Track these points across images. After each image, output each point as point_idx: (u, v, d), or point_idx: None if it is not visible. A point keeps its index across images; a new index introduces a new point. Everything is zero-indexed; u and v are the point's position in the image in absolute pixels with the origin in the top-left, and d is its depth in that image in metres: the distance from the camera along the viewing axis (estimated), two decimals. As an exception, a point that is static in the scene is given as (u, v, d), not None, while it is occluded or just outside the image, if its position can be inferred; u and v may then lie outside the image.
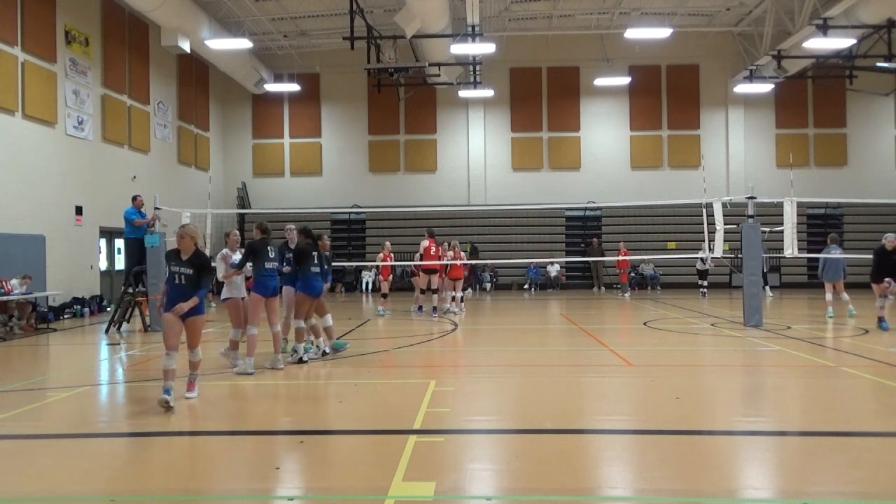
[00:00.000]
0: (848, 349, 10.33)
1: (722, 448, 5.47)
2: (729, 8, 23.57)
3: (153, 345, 11.69)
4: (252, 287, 8.94)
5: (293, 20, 23.73)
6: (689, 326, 13.62)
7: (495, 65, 25.94)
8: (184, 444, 5.81)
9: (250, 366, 8.58)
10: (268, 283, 8.89)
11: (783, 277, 25.38)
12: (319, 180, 27.74)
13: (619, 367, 9.02)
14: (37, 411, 6.91)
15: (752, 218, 13.26)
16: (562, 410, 6.72)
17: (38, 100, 16.48)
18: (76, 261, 17.76)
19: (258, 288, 8.85)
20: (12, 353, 11.58)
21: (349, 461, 5.13)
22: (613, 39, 25.31)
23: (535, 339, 12.54)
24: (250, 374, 8.46)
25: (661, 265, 25.64)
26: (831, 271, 14.41)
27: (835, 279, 14.41)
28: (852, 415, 6.53)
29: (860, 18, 19.56)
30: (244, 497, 4.48)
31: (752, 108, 27.04)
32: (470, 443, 5.63)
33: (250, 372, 8.51)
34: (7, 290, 13.56)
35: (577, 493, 4.41)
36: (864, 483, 4.53)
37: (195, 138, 25.27)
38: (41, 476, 4.89)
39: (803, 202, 16.21)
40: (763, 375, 8.72)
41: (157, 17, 19.18)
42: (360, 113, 27.70)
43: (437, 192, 27.13)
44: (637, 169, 27.18)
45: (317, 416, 6.16)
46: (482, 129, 27.48)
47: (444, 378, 8.26)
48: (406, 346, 11.02)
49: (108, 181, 19.07)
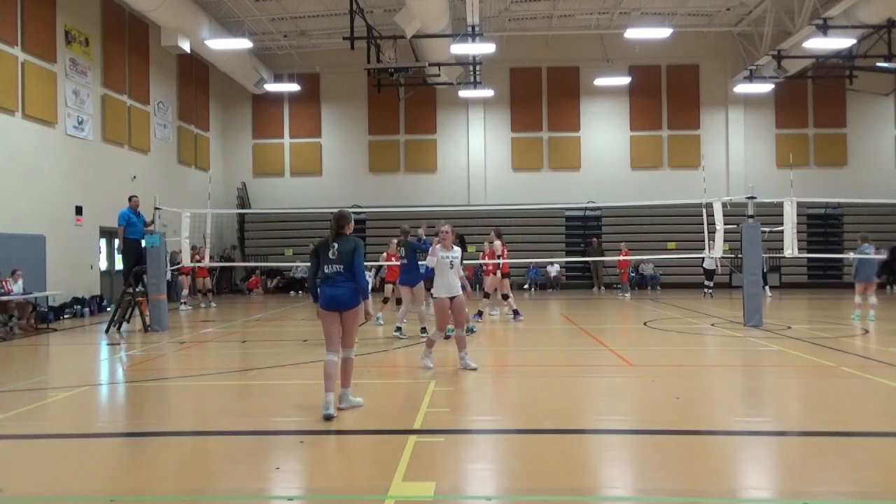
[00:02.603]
0: (848, 349, 10.33)
1: (722, 448, 5.47)
2: (729, 8, 23.57)
3: (153, 345, 11.69)
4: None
5: (293, 20, 23.73)
6: (689, 326, 13.61)
7: (495, 65, 25.93)
8: (184, 444, 5.81)
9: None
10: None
11: (783, 277, 25.38)
12: (319, 180, 27.74)
13: (619, 367, 9.02)
14: (37, 411, 6.91)
15: (752, 218, 13.26)
16: (562, 410, 6.72)
17: (38, 100, 16.48)
18: (76, 261, 17.76)
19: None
20: (12, 353, 11.58)
21: (349, 461, 5.13)
22: (613, 39, 25.30)
23: (534, 338, 12.53)
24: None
25: (661, 265, 25.63)
26: (864, 271, 13.73)
27: (867, 280, 13.70)
28: (852, 415, 6.52)
29: (860, 18, 19.56)
30: (244, 497, 4.48)
31: (752, 108, 27.04)
32: (470, 443, 5.63)
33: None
34: (7, 290, 13.56)
35: (577, 493, 4.41)
36: (865, 483, 4.53)
37: (195, 138, 25.27)
38: (41, 476, 4.89)
39: (803, 202, 16.18)
40: (763, 375, 8.71)
41: (157, 17, 19.18)
42: (360, 113, 27.70)
43: (437, 192, 27.13)
44: (637, 169, 27.18)
45: (317, 417, 6.15)
46: (482, 129, 27.48)
47: (444, 378, 8.26)
48: (406, 346, 11.02)
49: (108, 181, 19.07)
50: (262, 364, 9.42)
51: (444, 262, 8.50)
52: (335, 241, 6.56)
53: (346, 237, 6.61)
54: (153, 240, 13.53)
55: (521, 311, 14.94)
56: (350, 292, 6.48)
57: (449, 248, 8.61)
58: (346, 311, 6.53)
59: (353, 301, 6.50)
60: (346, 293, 6.47)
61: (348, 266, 6.48)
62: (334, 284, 6.50)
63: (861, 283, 13.86)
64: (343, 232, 6.62)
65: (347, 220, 6.70)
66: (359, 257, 6.53)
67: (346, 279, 6.49)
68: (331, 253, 6.53)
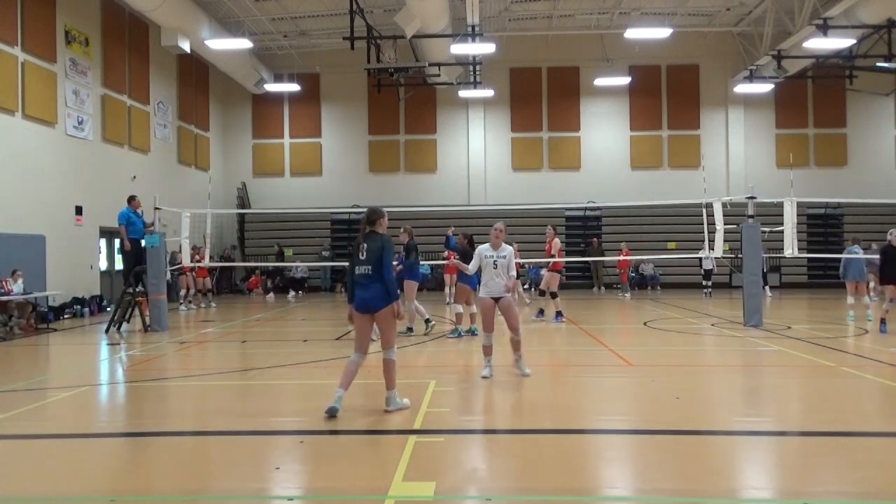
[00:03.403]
0: (848, 349, 10.33)
1: (722, 448, 5.47)
2: (729, 8, 23.57)
3: (153, 345, 11.69)
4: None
5: (293, 20, 23.73)
6: (689, 326, 13.61)
7: (495, 65, 25.93)
8: (184, 444, 5.81)
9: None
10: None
11: (783, 277, 25.38)
12: (319, 180, 27.74)
13: (619, 367, 9.02)
14: (37, 411, 6.91)
15: (752, 218, 13.26)
16: (562, 410, 6.71)
17: (38, 100, 16.47)
18: (76, 261, 17.76)
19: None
20: (12, 353, 11.58)
21: (349, 461, 5.13)
22: (613, 39, 25.29)
23: (534, 338, 12.52)
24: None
25: (661, 265, 25.63)
26: (853, 271, 13.95)
27: (857, 279, 13.94)
28: (852, 415, 6.52)
29: (860, 18, 19.56)
30: (244, 497, 4.48)
31: (752, 108, 27.04)
32: (470, 443, 5.63)
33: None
34: (7, 290, 13.56)
35: (577, 493, 4.41)
36: (865, 483, 4.53)
37: (195, 138, 25.27)
38: (41, 476, 4.89)
39: (803, 202, 16.18)
40: (763, 375, 8.71)
41: (157, 17, 19.18)
42: (360, 113, 27.70)
43: (437, 192, 27.12)
44: (637, 169, 27.18)
45: (317, 417, 6.16)
46: (482, 129, 27.48)
47: (444, 378, 8.26)
48: (406, 346, 11.01)
49: (108, 181, 19.07)
50: (262, 364, 9.42)
51: (488, 261, 8.23)
52: (365, 241, 6.44)
53: (376, 236, 6.45)
54: (153, 240, 13.53)
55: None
56: (378, 294, 6.36)
57: (497, 247, 8.28)
58: (375, 312, 6.43)
59: (383, 302, 6.37)
60: (374, 295, 6.37)
61: (377, 266, 6.34)
62: (364, 286, 6.39)
63: (851, 283, 14.01)
64: (375, 230, 6.48)
65: (379, 215, 6.56)
66: (387, 256, 6.37)
67: (374, 280, 6.35)
68: (360, 253, 6.41)
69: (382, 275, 6.35)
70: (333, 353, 10.31)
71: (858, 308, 13.85)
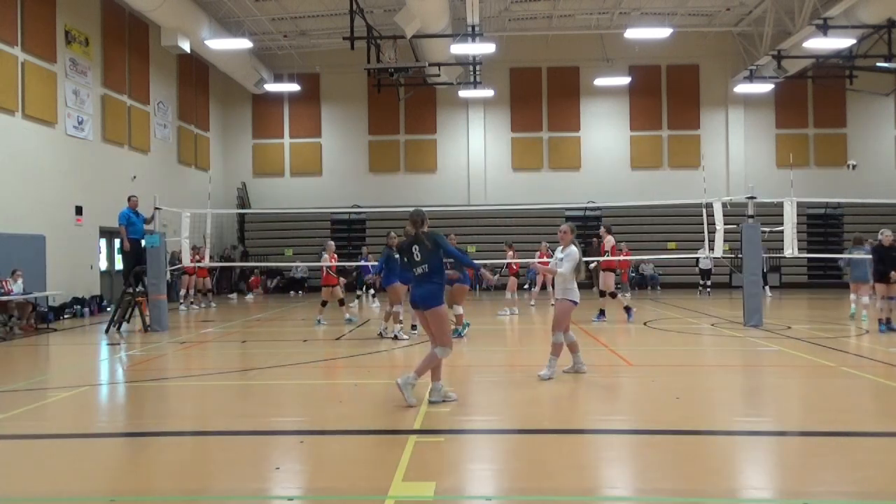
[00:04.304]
0: (848, 349, 10.33)
1: (722, 448, 5.46)
2: (729, 8, 23.58)
3: (153, 345, 11.69)
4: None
5: (293, 20, 23.74)
6: (689, 326, 13.61)
7: (495, 65, 25.94)
8: (184, 443, 5.80)
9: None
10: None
11: (783, 277, 25.38)
12: (319, 180, 27.75)
13: (619, 367, 9.02)
14: (37, 411, 6.91)
15: (752, 218, 13.26)
16: (562, 410, 6.71)
17: (38, 100, 16.48)
18: (76, 261, 17.76)
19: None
20: (12, 353, 11.58)
21: (349, 461, 5.13)
22: (613, 39, 25.30)
23: (534, 338, 12.53)
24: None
25: (661, 265, 25.63)
26: (856, 271, 13.84)
27: (859, 280, 13.80)
28: (852, 415, 6.52)
29: (860, 18, 19.56)
30: (244, 497, 4.48)
31: (752, 108, 27.04)
32: (470, 443, 5.63)
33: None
34: (7, 290, 13.56)
35: (577, 493, 4.41)
36: (865, 483, 4.53)
37: (195, 138, 25.27)
38: (41, 476, 4.89)
39: (803, 202, 16.18)
40: (763, 375, 8.71)
41: (157, 17, 19.19)
42: (360, 113, 27.71)
43: (437, 192, 27.13)
44: (637, 169, 27.19)
45: (317, 417, 6.16)
46: (482, 129, 27.49)
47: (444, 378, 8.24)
48: (406, 346, 11.01)
49: (108, 181, 19.07)
50: (262, 364, 9.41)
51: (557, 262, 8.21)
52: (416, 243, 6.64)
53: (424, 235, 6.65)
54: (153, 240, 13.52)
55: (514, 311, 15.07)
56: (429, 292, 6.56)
57: (564, 246, 8.25)
58: (426, 310, 6.60)
59: (432, 301, 6.56)
60: (425, 293, 6.57)
61: (433, 264, 6.57)
62: (418, 284, 6.65)
63: (855, 283, 14.01)
64: (422, 230, 6.69)
65: (425, 216, 6.81)
66: (445, 245, 6.63)
67: (428, 279, 6.58)
68: (415, 255, 6.63)
69: (434, 272, 6.57)
70: (334, 353, 10.31)
71: (859, 307, 13.80)
